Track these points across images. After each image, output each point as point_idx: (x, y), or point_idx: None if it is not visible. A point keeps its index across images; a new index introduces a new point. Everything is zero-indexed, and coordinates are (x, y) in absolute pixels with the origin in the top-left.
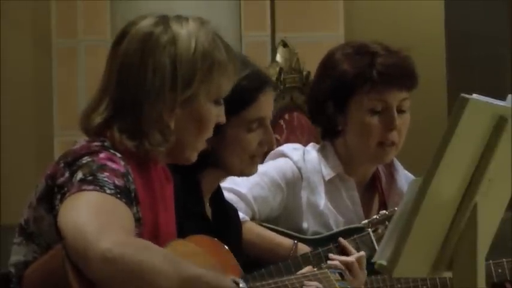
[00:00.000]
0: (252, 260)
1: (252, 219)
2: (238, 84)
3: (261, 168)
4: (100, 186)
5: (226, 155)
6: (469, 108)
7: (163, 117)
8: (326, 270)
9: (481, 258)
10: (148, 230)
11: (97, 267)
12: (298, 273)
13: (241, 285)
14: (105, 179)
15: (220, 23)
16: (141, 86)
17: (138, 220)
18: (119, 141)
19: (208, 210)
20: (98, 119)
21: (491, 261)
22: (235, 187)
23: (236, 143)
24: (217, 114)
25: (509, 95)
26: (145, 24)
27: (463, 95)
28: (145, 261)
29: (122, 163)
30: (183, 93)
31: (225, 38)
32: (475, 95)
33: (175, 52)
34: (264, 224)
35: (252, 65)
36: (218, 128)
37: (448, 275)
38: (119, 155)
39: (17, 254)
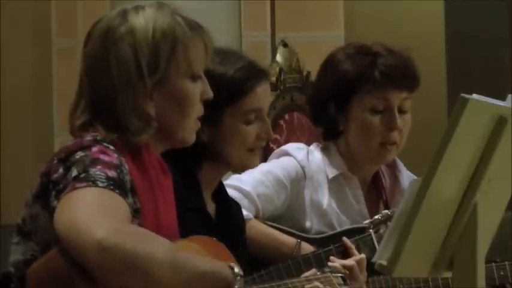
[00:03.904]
0: (255, 257)
1: (256, 217)
2: (233, 76)
3: (265, 166)
4: (92, 182)
5: (224, 148)
6: (469, 108)
7: (138, 105)
8: (329, 274)
9: (481, 258)
10: (149, 220)
11: (94, 257)
12: (301, 276)
13: (235, 270)
14: (98, 172)
15: (220, 23)
16: (110, 82)
17: (136, 211)
18: (105, 136)
19: (211, 207)
20: (78, 122)
21: (493, 264)
22: (240, 185)
23: (233, 136)
24: (200, 90)
25: (509, 95)
26: (104, 20)
27: (463, 95)
28: (141, 248)
29: (115, 155)
30: (151, 78)
31: (224, 38)
32: (475, 95)
33: (134, 40)
34: (268, 222)
35: (246, 58)
36: (214, 120)
37: (448, 275)
38: (111, 147)
39: (16, 253)
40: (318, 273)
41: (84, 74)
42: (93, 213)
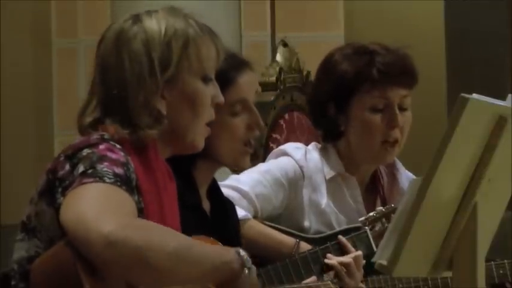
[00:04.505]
0: (254, 257)
1: (255, 217)
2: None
3: (263, 166)
4: (100, 177)
5: (215, 144)
6: (469, 108)
7: (149, 102)
8: (328, 282)
9: (481, 258)
10: (154, 221)
11: (101, 251)
12: (302, 283)
13: (241, 253)
14: (105, 169)
15: (220, 23)
16: (122, 78)
17: (140, 211)
18: (113, 132)
19: (206, 205)
20: (88, 119)
21: (492, 262)
22: (238, 185)
23: (223, 130)
24: (211, 93)
25: (509, 95)
26: (117, 24)
27: (463, 94)
28: (148, 242)
29: (122, 153)
30: (163, 75)
31: (224, 38)
32: (475, 95)
33: (146, 37)
34: (266, 222)
35: (228, 50)
36: None
37: (448, 274)
38: (118, 146)
39: (20, 250)
40: (319, 282)
41: (97, 72)
42: (100, 209)
